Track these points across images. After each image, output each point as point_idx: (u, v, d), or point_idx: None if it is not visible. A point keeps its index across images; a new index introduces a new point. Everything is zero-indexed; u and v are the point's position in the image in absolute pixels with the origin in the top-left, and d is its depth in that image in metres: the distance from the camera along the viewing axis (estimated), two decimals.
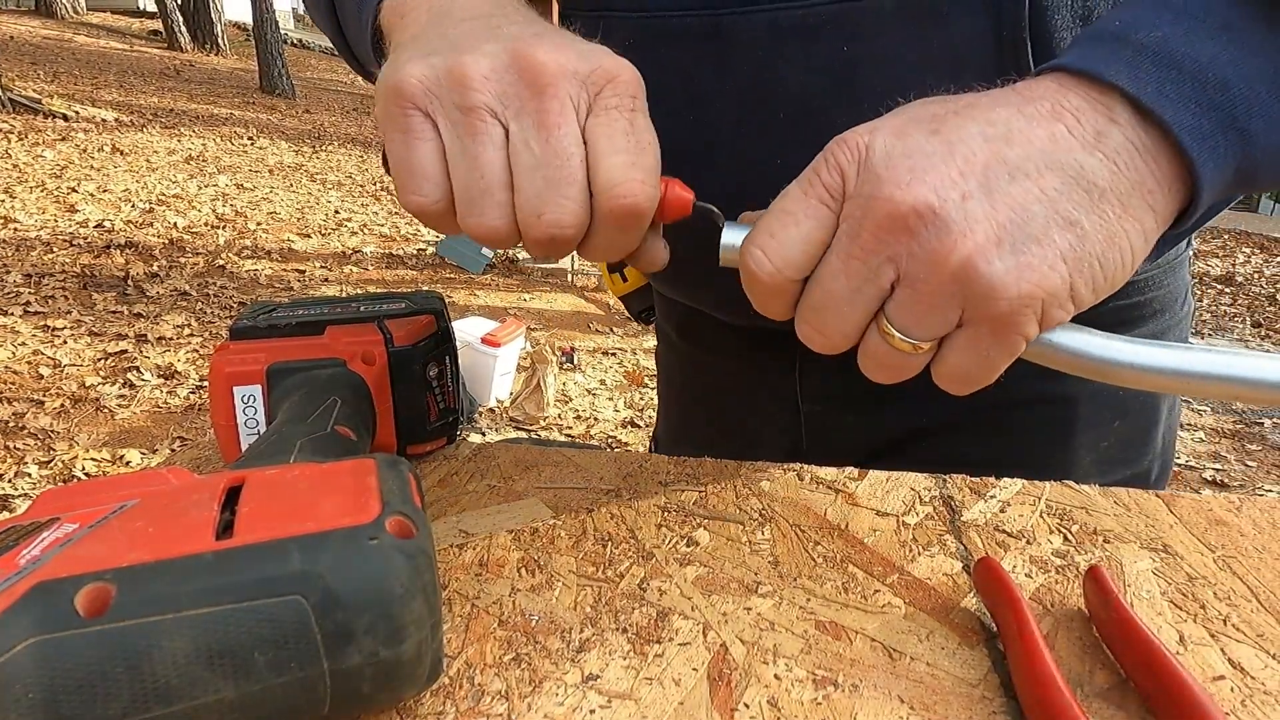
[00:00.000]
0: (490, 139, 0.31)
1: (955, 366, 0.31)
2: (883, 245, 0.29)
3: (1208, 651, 0.31)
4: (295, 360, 0.42)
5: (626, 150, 0.31)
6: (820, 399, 0.59)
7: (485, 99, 0.31)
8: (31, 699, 0.21)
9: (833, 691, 0.29)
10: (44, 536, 0.24)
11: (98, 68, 9.64)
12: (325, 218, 5.37)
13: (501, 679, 0.29)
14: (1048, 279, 0.28)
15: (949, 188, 0.28)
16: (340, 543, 0.24)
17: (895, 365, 0.32)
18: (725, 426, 0.66)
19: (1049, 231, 0.28)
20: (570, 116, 0.31)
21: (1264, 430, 3.12)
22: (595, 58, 0.32)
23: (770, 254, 0.31)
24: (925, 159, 0.29)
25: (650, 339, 3.85)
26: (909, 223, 0.28)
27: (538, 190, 0.31)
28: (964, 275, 0.28)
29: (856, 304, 0.31)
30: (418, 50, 0.32)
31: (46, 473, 2.27)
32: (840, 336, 0.32)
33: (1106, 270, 0.29)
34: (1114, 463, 0.56)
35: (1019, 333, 0.29)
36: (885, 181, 0.29)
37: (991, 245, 0.28)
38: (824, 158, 0.31)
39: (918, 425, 0.56)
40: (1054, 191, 0.28)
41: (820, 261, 0.31)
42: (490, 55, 0.31)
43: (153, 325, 3.30)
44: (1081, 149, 0.29)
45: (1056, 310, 0.29)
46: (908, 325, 0.30)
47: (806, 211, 0.31)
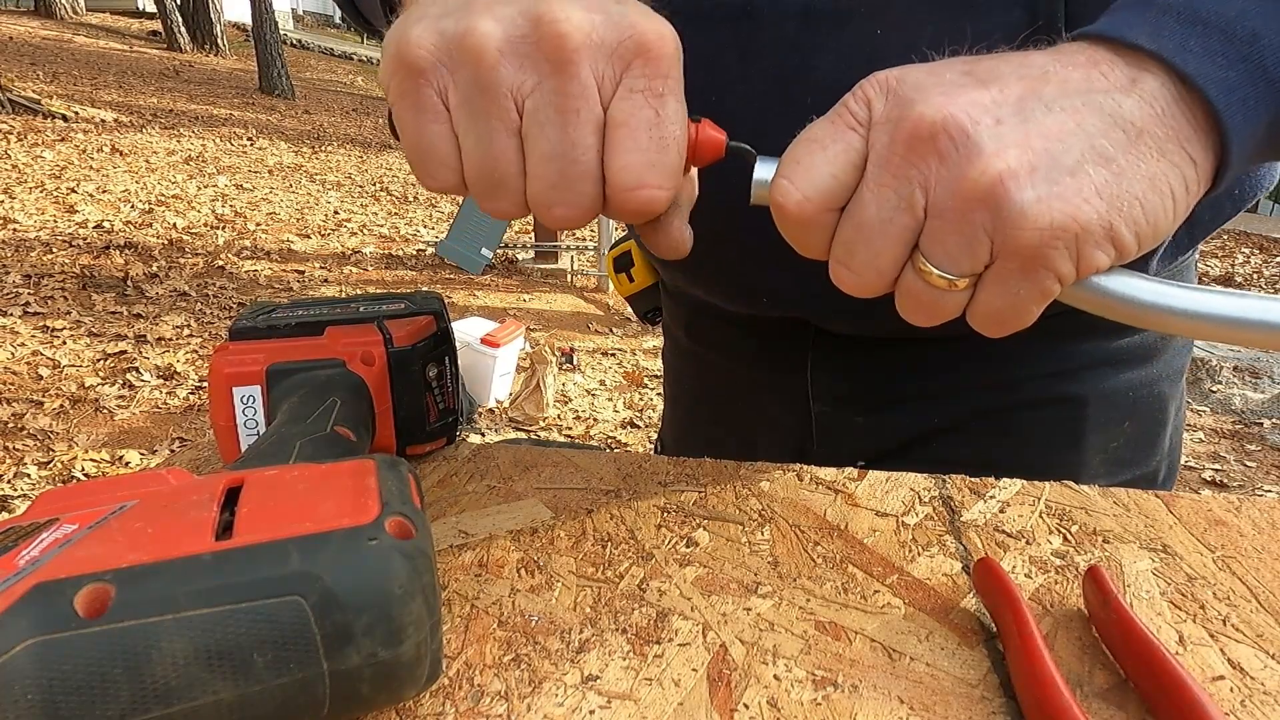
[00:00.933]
0: (504, 124, 0.29)
1: (986, 306, 0.30)
2: (911, 168, 0.28)
3: (1207, 652, 0.31)
4: (295, 361, 0.42)
5: (646, 148, 0.29)
6: (830, 399, 0.58)
7: (500, 76, 0.28)
8: (31, 700, 0.21)
9: (832, 692, 0.29)
10: (43, 537, 0.24)
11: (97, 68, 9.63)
12: (325, 218, 5.37)
13: (501, 679, 0.29)
14: (1081, 211, 0.27)
15: (982, 111, 0.27)
16: (340, 543, 0.24)
17: (932, 304, 0.30)
18: (733, 426, 0.66)
19: (1084, 165, 0.27)
20: (591, 99, 0.29)
21: (1263, 430, 3.12)
22: (628, 22, 0.29)
23: (797, 181, 0.30)
24: (958, 86, 0.28)
25: (650, 339, 3.85)
26: (939, 143, 0.27)
27: (551, 182, 0.30)
28: (993, 200, 0.27)
29: (889, 235, 0.29)
30: (430, 7, 0.30)
31: (46, 473, 2.27)
32: (873, 273, 0.30)
33: (1149, 213, 0.28)
34: (1123, 464, 0.56)
35: (1050, 269, 0.28)
36: (915, 102, 0.28)
37: (1024, 171, 0.27)
38: (851, 92, 0.30)
39: (927, 426, 0.56)
40: (1091, 127, 0.27)
41: (853, 195, 0.30)
42: (507, 21, 0.28)
43: (152, 326, 3.30)
44: (1119, 90, 0.28)
45: (1093, 250, 0.28)
46: (941, 259, 0.29)
47: (833, 137, 0.30)
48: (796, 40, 0.43)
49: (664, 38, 0.29)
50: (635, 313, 0.77)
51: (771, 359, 0.60)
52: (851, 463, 0.47)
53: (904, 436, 0.57)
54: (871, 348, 0.56)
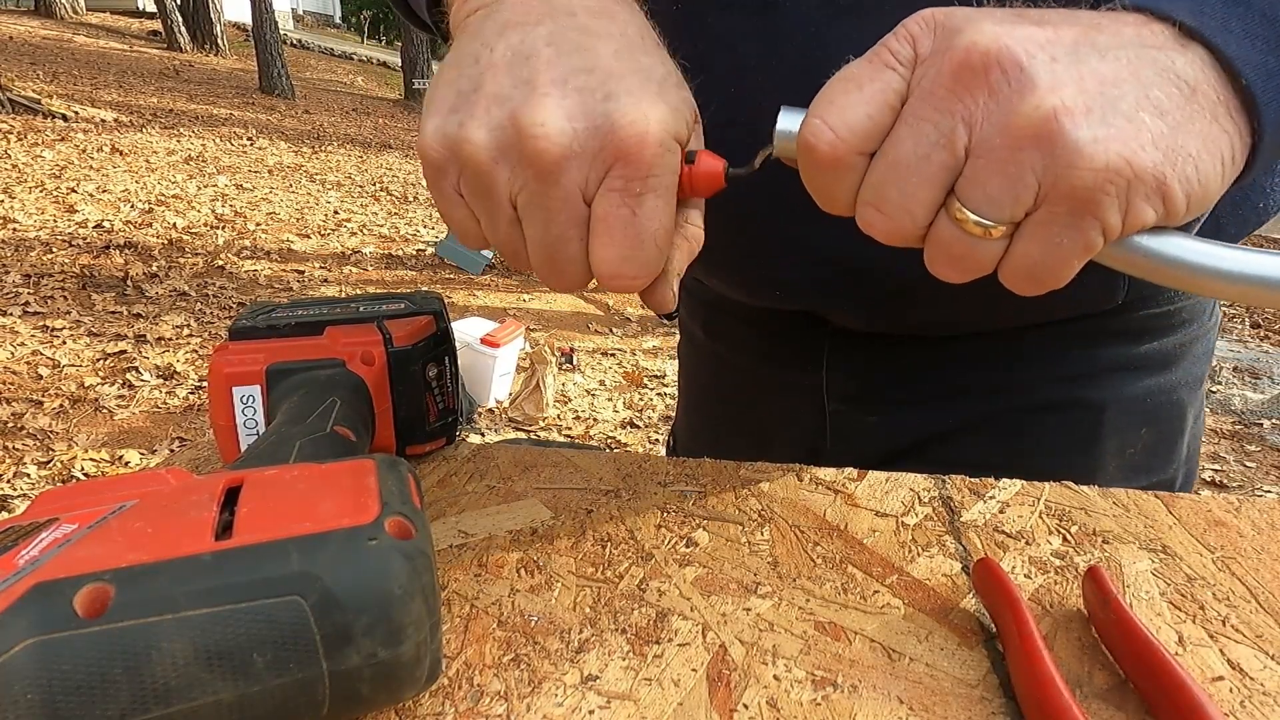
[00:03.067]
0: (503, 216, 0.32)
1: (1024, 257, 0.28)
2: (956, 100, 0.27)
3: (1207, 652, 0.31)
4: (294, 361, 0.42)
5: (621, 243, 0.31)
6: (846, 398, 0.58)
7: (494, 181, 0.31)
8: (30, 699, 0.21)
9: (832, 692, 0.29)
10: (43, 537, 0.24)
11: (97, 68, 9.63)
12: (324, 218, 5.37)
13: (500, 680, 0.29)
14: (1138, 156, 0.25)
15: (1037, 47, 0.26)
16: (339, 543, 0.24)
17: (965, 255, 0.29)
18: (747, 425, 0.66)
19: (1139, 113, 0.26)
20: (572, 201, 0.31)
21: (1263, 431, 3.12)
22: (609, 125, 0.30)
23: (830, 120, 0.28)
24: (1011, 21, 0.27)
25: (650, 339, 3.85)
26: (990, 76, 0.26)
27: (542, 261, 0.33)
28: (1046, 135, 0.25)
29: (924, 174, 0.28)
30: (446, 91, 0.32)
31: (45, 473, 2.26)
32: (905, 216, 0.29)
33: (1201, 173, 0.27)
34: (1139, 470, 0.56)
35: (1098, 215, 0.26)
36: (965, 33, 0.27)
37: (1079, 110, 0.25)
38: (895, 30, 0.29)
39: (941, 427, 0.56)
40: (1146, 77, 0.26)
41: (888, 135, 0.29)
42: (496, 129, 0.30)
43: (152, 326, 3.30)
44: (1172, 48, 0.27)
45: (1142, 203, 0.26)
46: (980, 202, 0.27)
47: (872, 75, 0.29)
48: (819, 30, 0.42)
49: (644, 139, 0.30)
50: None
51: (787, 356, 0.60)
52: (865, 463, 0.47)
53: (917, 437, 0.57)
54: (887, 346, 0.56)
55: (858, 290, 0.32)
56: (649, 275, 0.32)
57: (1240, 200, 0.49)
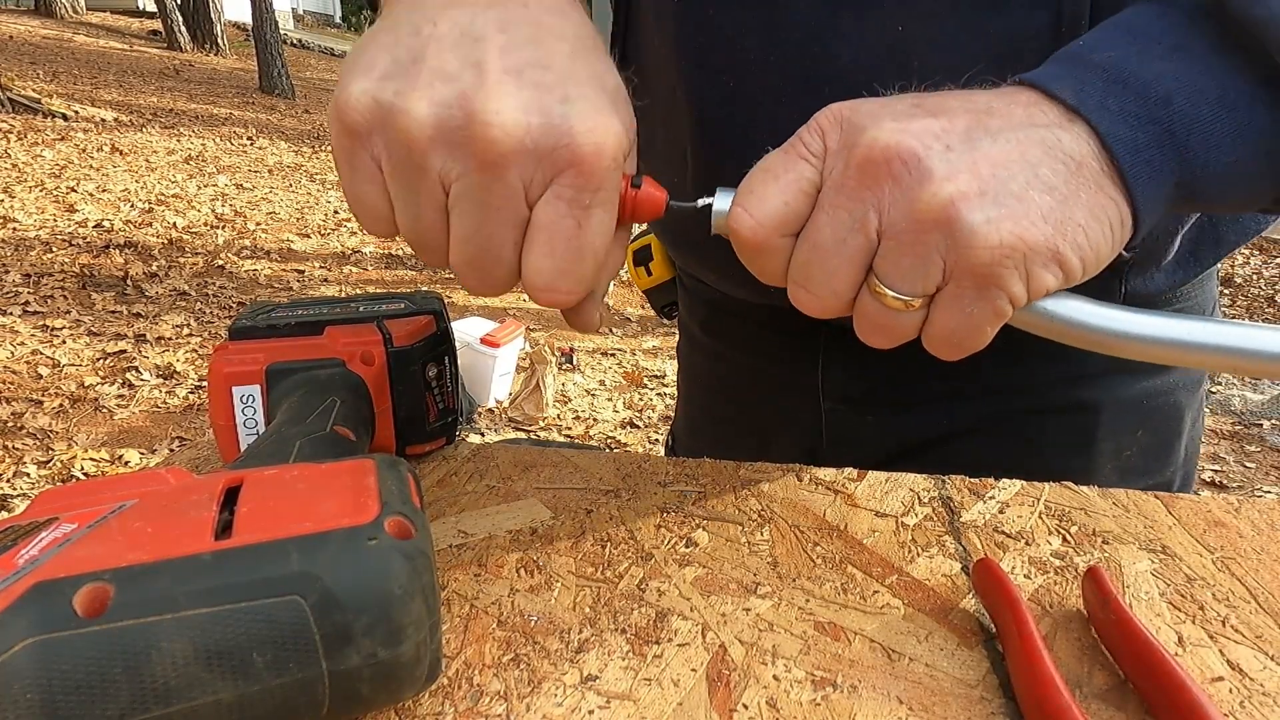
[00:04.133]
0: (431, 201, 0.30)
1: (942, 327, 0.31)
2: (866, 190, 0.29)
3: (1206, 652, 0.31)
4: (294, 360, 0.42)
5: (561, 255, 0.30)
6: (842, 399, 0.58)
7: (429, 161, 0.28)
8: (30, 699, 0.21)
9: (831, 692, 0.29)
10: (42, 536, 0.24)
11: (97, 68, 9.63)
12: (324, 218, 5.37)
13: (500, 679, 0.29)
14: (1029, 232, 0.28)
15: (932, 138, 0.29)
16: (339, 543, 0.24)
17: (888, 325, 0.32)
18: (746, 424, 0.66)
19: (1029, 191, 0.28)
20: (514, 200, 0.29)
21: (1263, 431, 3.12)
22: (566, 128, 0.28)
23: (750, 208, 0.31)
24: (909, 115, 0.29)
25: (650, 339, 3.85)
26: (892, 167, 0.29)
27: (467, 260, 0.31)
28: (945, 221, 0.28)
29: (843, 256, 0.30)
30: (377, 55, 0.29)
31: (45, 473, 2.27)
32: (829, 293, 0.31)
33: (1091, 240, 0.29)
34: (1136, 472, 0.56)
35: (1001, 288, 0.29)
36: (868, 130, 0.29)
37: (974, 194, 0.28)
38: (807, 125, 0.32)
39: (938, 429, 0.56)
40: (1034, 157, 0.29)
41: (808, 220, 0.31)
42: (441, 106, 0.28)
43: (152, 325, 3.30)
44: (1058, 126, 0.30)
45: (1042, 272, 0.29)
46: (895, 280, 0.30)
47: (785, 166, 0.31)
48: (820, 28, 0.43)
49: (601, 150, 0.29)
50: (653, 307, 0.77)
51: (785, 356, 0.60)
52: (862, 464, 0.47)
53: (915, 438, 0.57)
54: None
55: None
56: (582, 292, 0.31)
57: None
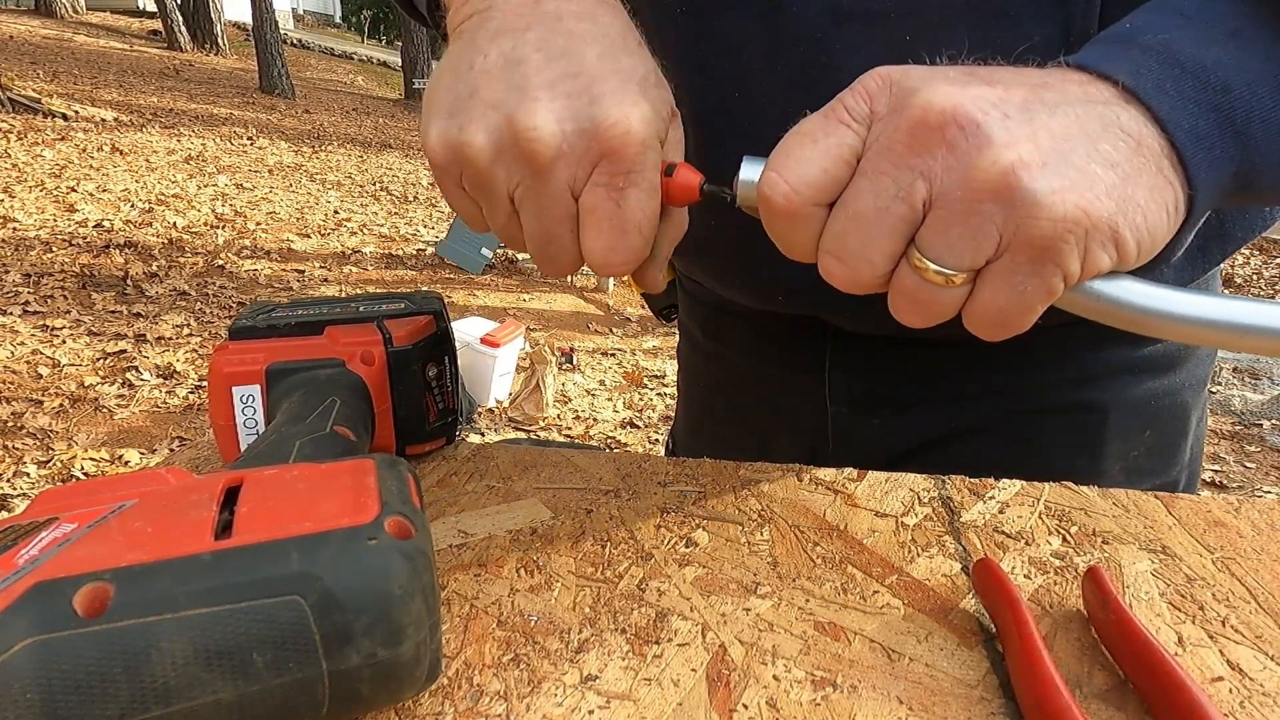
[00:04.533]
0: (503, 207, 0.35)
1: (989, 304, 0.29)
2: (915, 157, 0.28)
3: (1206, 653, 0.31)
4: (294, 360, 0.42)
5: (607, 234, 0.33)
6: (847, 400, 0.58)
7: (494, 179, 0.33)
8: (30, 699, 0.21)
9: (831, 692, 0.29)
10: (42, 536, 0.24)
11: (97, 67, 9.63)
12: (324, 218, 5.37)
13: (500, 679, 0.29)
14: (1095, 207, 0.26)
15: (990, 105, 0.27)
16: (339, 543, 0.24)
17: (928, 302, 0.30)
18: (748, 426, 0.66)
19: (1091, 165, 0.27)
20: (562, 197, 0.33)
21: (1263, 431, 3.12)
22: (594, 125, 0.32)
23: (785, 174, 0.30)
24: (963, 83, 0.28)
25: (650, 339, 3.85)
26: (947, 132, 0.27)
27: (537, 249, 0.36)
28: (1006, 189, 0.26)
29: (884, 226, 0.29)
30: (444, 96, 0.34)
31: (45, 472, 2.26)
32: (865, 265, 0.30)
33: (1150, 221, 0.28)
34: (1142, 473, 0.55)
35: (1059, 264, 0.27)
36: (921, 92, 0.28)
37: (1036, 163, 0.26)
38: (851, 87, 0.30)
39: (944, 430, 0.56)
40: (1094, 131, 0.27)
41: (846, 187, 0.30)
42: (493, 131, 0.32)
43: (152, 325, 3.30)
44: (1116, 104, 0.28)
45: (1099, 251, 0.27)
46: (941, 252, 0.28)
47: (826, 130, 0.30)
48: (824, 38, 0.42)
49: (627, 135, 0.32)
50: (652, 309, 0.77)
51: (788, 358, 0.60)
52: (867, 466, 0.47)
53: (920, 440, 0.57)
54: (889, 349, 0.55)
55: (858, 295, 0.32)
56: (635, 261, 0.35)
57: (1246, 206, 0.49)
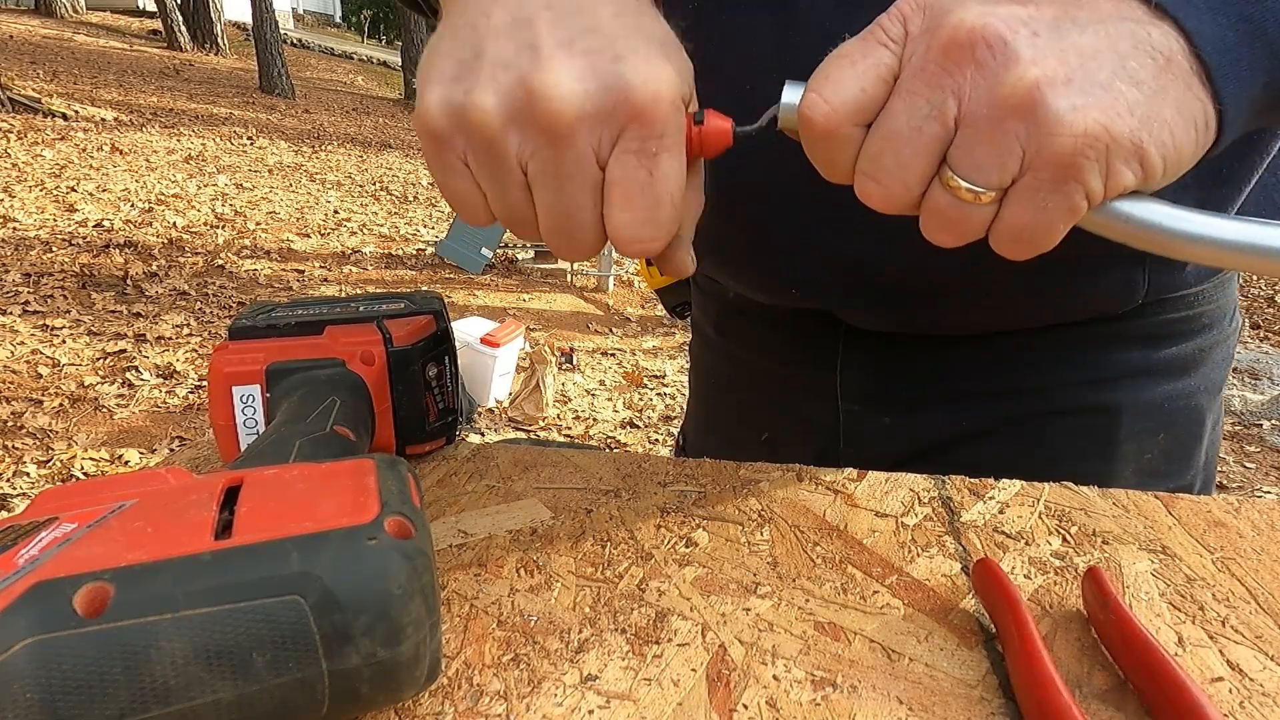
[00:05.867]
0: (514, 182, 0.32)
1: (1013, 222, 0.30)
2: (946, 74, 0.28)
3: (1206, 653, 0.31)
4: (294, 360, 0.42)
5: (639, 206, 0.31)
6: (860, 399, 0.58)
7: (504, 147, 0.30)
8: (29, 699, 0.21)
9: (831, 692, 0.29)
10: (42, 536, 0.24)
11: (97, 67, 9.63)
12: (324, 218, 5.37)
13: (500, 679, 0.29)
14: (1114, 123, 0.27)
15: (1019, 23, 0.28)
16: (339, 543, 0.24)
17: (958, 219, 0.30)
18: (759, 424, 0.66)
19: (1116, 82, 0.27)
20: (586, 165, 0.30)
21: (1263, 432, 3.12)
22: (622, 84, 0.29)
23: (826, 94, 0.30)
24: (994, 1, 0.28)
25: (650, 339, 3.85)
26: (976, 51, 0.28)
27: (553, 228, 0.32)
28: (1029, 105, 0.27)
29: (918, 145, 0.29)
30: (444, 61, 0.31)
31: (45, 472, 2.27)
32: (900, 185, 0.30)
33: (1176, 138, 0.28)
34: (1156, 476, 0.55)
35: (1080, 180, 0.28)
36: (953, 12, 0.28)
37: (1060, 80, 0.27)
38: (887, 11, 0.30)
39: (956, 431, 0.56)
40: (1123, 48, 0.28)
41: (882, 108, 0.30)
42: (505, 93, 0.30)
43: (152, 325, 3.30)
44: (1148, 21, 0.29)
45: (1123, 167, 0.28)
46: (969, 170, 0.29)
47: (864, 52, 0.30)
48: (834, 27, 0.42)
49: (658, 98, 0.30)
50: (665, 306, 0.77)
51: (800, 356, 0.60)
52: (879, 465, 0.47)
53: (932, 440, 0.56)
54: (902, 347, 0.55)
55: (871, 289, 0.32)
56: (667, 237, 0.32)
57: (1263, 200, 0.49)
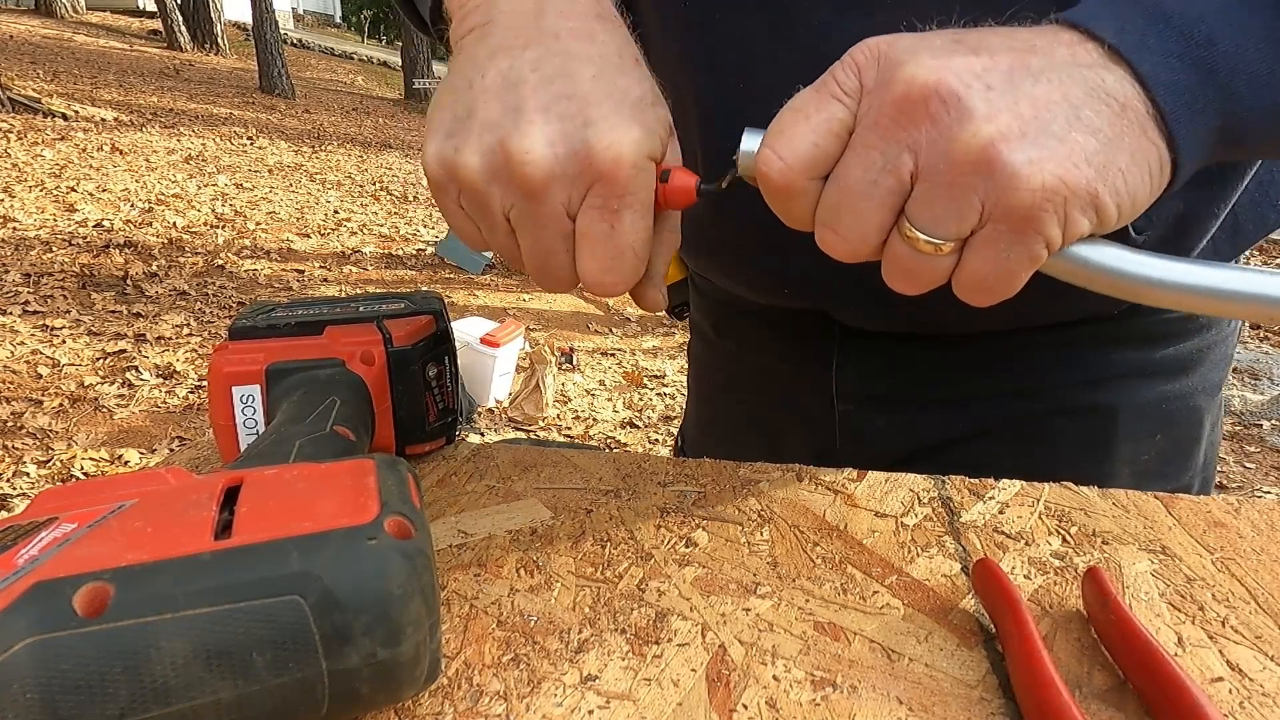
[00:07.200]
0: (500, 227, 0.35)
1: (975, 271, 0.30)
2: (901, 130, 0.28)
3: (1206, 653, 0.31)
4: (294, 360, 0.42)
5: (602, 255, 0.34)
6: (856, 398, 0.58)
7: (489, 199, 0.34)
8: (29, 699, 0.21)
9: (831, 692, 0.29)
10: (42, 536, 0.24)
11: (97, 67, 9.63)
12: (324, 218, 5.37)
13: (500, 679, 0.29)
14: (1071, 174, 0.27)
15: (973, 76, 0.28)
16: (339, 543, 0.24)
17: (919, 270, 0.31)
18: (757, 424, 0.66)
19: (1070, 133, 0.28)
20: (556, 217, 0.33)
21: (1262, 432, 3.12)
22: (586, 150, 0.32)
23: (780, 149, 0.31)
24: (948, 52, 0.29)
25: (650, 339, 3.85)
26: (930, 106, 0.28)
27: (535, 268, 0.36)
28: (985, 162, 0.27)
29: (874, 198, 0.30)
30: (443, 115, 0.34)
31: (45, 472, 2.26)
32: (858, 238, 0.31)
33: (1130, 184, 0.28)
34: (1153, 477, 0.55)
35: (1039, 232, 0.28)
36: (906, 65, 0.28)
37: (1015, 135, 0.27)
38: (842, 60, 0.31)
39: (954, 431, 0.56)
40: (1077, 98, 0.28)
41: (838, 161, 0.31)
42: (487, 154, 0.33)
43: (152, 325, 3.30)
44: (1102, 67, 0.29)
45: (1079, 216, 0.28)
46: (928, 223, 0.29)
47: (818, 105, 0.30)
48: (826, 24, 0.43)
49: (620, 160, 0.32)
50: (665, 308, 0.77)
51: (797, 356, 0.60)
52: (876, 465, 0.47)
53: (929, 441, 0.56)
54: (897, 346, 0.55)
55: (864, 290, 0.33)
56: (630, 282, 0.35)
57: (1259, 198, 0.49)
